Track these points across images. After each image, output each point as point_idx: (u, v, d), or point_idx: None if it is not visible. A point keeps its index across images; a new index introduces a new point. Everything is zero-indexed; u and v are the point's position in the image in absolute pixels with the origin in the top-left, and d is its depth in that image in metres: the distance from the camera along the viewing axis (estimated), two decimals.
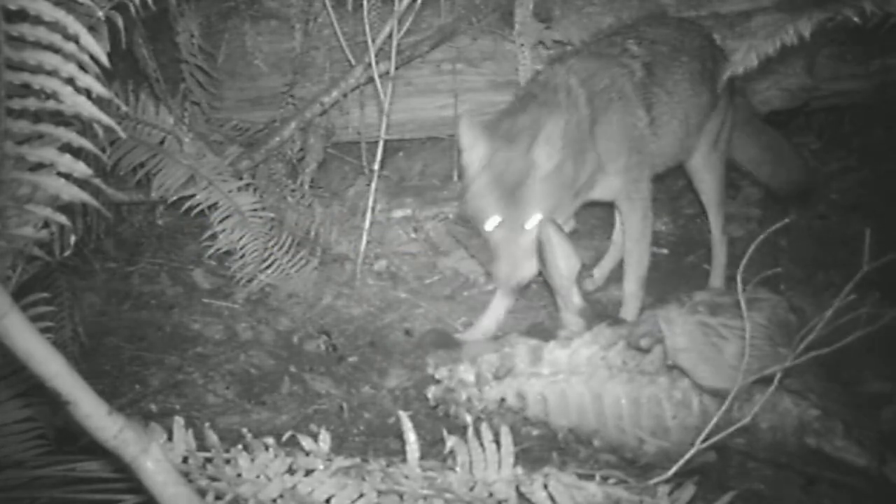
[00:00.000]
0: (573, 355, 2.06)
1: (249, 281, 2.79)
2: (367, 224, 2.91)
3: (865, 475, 1.84)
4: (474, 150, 2.23)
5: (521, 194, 2.18)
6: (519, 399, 2.06)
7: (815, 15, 1.82)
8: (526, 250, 2.21)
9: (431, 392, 2.17)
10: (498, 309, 2.58)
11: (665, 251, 3.08)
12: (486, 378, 2.09)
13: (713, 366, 1.89)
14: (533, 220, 2.19)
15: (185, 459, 1.30)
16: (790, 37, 1.84)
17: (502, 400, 2.07)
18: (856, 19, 1.74)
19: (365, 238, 2.91)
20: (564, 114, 2.25)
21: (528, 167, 2.18)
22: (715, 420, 1.64)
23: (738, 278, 1.73)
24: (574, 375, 2.04)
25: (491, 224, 2.22)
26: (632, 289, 2.57)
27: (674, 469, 1.53)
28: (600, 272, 2.93)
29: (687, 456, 1.58)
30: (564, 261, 2.20)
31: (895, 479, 1.82)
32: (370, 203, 2.91)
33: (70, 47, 1.17)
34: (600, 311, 2.36)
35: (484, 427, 1.37)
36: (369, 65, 2.93)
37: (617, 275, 2.79)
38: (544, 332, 2.32)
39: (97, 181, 1.21)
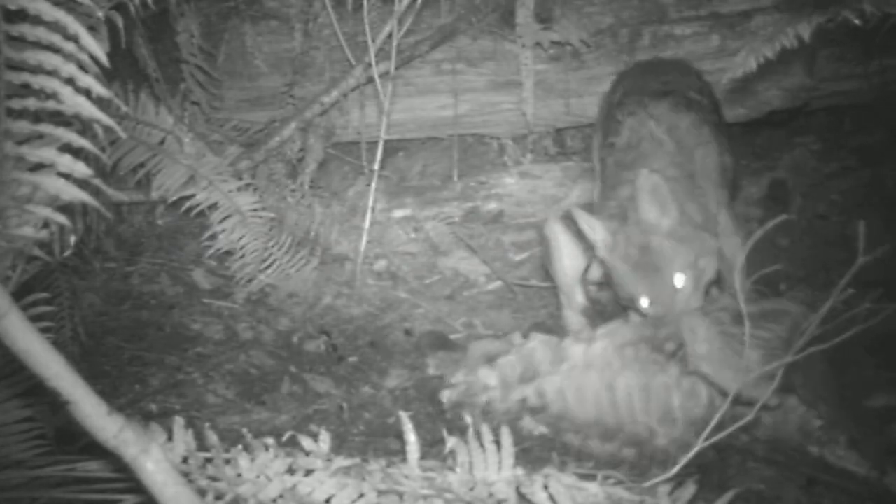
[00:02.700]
0: (588, 349, 2.05)
1: (249, 281, 2.79)
2: (367, 224, 2.91)
3: (865, 484, 1.84)
4: (595, 237, 2.13)
5: (656, 262, 2.05)
6: (539, 398, 2.05)
7: (814, 17, 1.82)
8: (684, 306, 2.06)
9: (446, 396, 2.13)
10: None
11: None
12: (511, 381, 2.07)
13: (735, 372, 1.89)
14: (679, 280, 2.05)
15: (185, 459, 1.29)
16: (790, 39, 1.85)
17: (524, 400, 2.05)
18: (856, 21, 1.74)
19: (365, 238, 2.91)
20: (654, 163, 2.13)
21: (646, 234, 2.05)
22: (718, 416, 1.64)
23: (738, 277, 1.73)
24: (590, 368, 2.03)
25: (645, 303, 2.08)
26: None
27: (676, 469, 1.53)
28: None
29: (689, 456, 1.58)
30: (570, 260, 2.22)
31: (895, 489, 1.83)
32: (370, 203, 2.91)
33: (70, 47, 1.17)
34: (600, 310, 2.36)
35: (484, 427, 1.37)
36: (369, 65, 2.93)
37: None
38: (547, 331, 2.32)
39: (97, 181, 1.21)
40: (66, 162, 1.19)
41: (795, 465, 1.91)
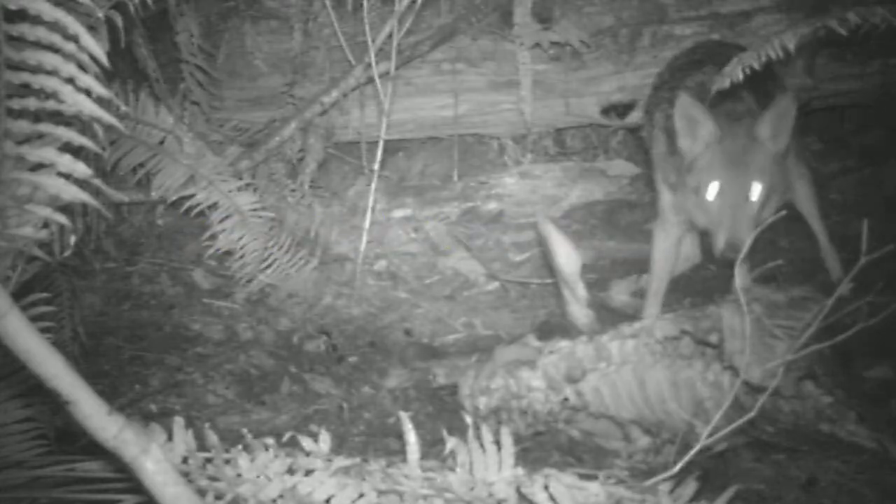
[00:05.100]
0: (623, 346, 2.07)
1: (249, 281, 2.79)
2: (367, 224, 2.91)
3: (877, 456, 1.87)
4: (701, 127, 2.26)
5: (746, 165, 2.21)
6: (579, 396, 2.06)
7: (799, 28, 1.83)
8: (747, 219, 2.21)
9: (483, 403, 2.11)
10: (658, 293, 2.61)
11: None
12: (557, 381, 2.08)
13: (762, 367, 1.90)
14: (755, 191, 2.21)
15: (185, 459, 1.29)
16: (775, 50, 1.86)
17: (565, 400, 2.07)
18: (841, 31, 1.75)
19: (365, 238, 2.91)
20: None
21: (752, 142, 2.23)
22: (725, 407, 1.65)
23: (737, 276, 1.74)
24: (624, 365, 2.06)
25: (712, 191, 2.23)
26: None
27: (678, 467, 1.52)
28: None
29: (690, 455, 1.57)
30: (564, 258, 2.25)
31: None
32: (370, 203, 2.91)
33: (70, 47, 1.17)
34: (602, 306, 2.40)
35: (484, 428, 1.37)
36: (369, 65, 2.93)
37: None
38: (552, 329, 2.33)
39: (97, 181, 1.21)
40: (66, 162, 1.19)
41: (812, 450, 1.92)
